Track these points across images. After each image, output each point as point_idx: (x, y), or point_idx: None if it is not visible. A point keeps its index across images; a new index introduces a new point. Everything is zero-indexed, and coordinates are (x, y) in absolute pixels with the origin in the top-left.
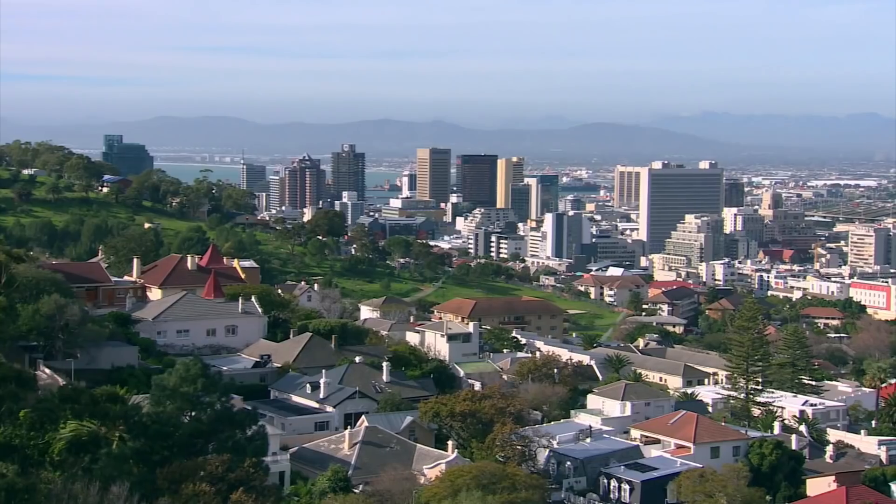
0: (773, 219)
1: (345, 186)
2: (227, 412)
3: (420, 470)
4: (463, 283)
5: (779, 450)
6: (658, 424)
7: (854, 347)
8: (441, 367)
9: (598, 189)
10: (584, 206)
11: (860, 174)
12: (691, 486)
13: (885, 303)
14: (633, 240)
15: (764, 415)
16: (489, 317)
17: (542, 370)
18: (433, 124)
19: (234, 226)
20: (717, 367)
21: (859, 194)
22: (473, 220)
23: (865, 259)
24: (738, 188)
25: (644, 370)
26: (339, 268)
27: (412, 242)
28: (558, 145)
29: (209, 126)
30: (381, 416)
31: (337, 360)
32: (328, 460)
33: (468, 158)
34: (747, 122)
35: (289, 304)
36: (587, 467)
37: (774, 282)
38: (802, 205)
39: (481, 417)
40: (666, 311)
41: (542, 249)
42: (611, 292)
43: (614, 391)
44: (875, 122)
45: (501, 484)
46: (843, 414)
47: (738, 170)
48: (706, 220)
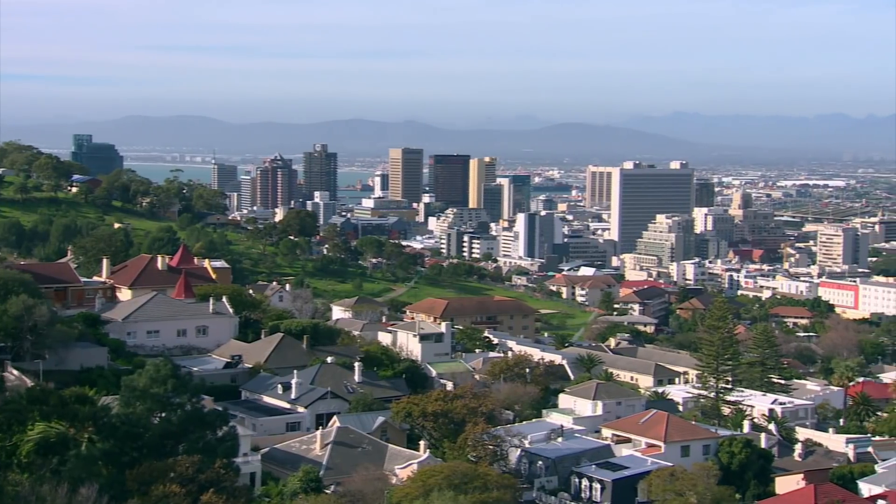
0: (743, 219)
1: (317, 186)
2: (198, 413)
3: (392, 470)
4: (435, 283)
5: (748, 448)
6: (629, 424)
7: (822, 346)
8: (413, 367)
9: (570, 189)
10: (556, 206)
11: (829, 174)
12: (662, 485)
13: (853, 302)
14: (605, 240)
15: (734, 413)
16: (461, 317)
17: (514, 370)
18: (405, 124)
19: (205, 226)
20: (688, 366)
21: (828, 194)
22: (446, 220)
23: (834, 259)
24: (709, 188)
25: (615, 369)
26: (311, 268)
27: (384, 242)
28: (530, 145)
29: (180, 125)
30: (352, 416)
31: (309, 361)
32: (299, 461)
33: (440, 158)
34: (718, 122)
35: (260, 305)
36: (559, 467)
37: (744, 281)
38: (772, 205)
39: (453, 417)
40: (637, 310)
41: (515, 249)
42: (582, 292)
43: (586, 391)
44: (843, 123)
45: (473, 484)
46: (811, 412)
47: (708, 170)
48: (677, 220)
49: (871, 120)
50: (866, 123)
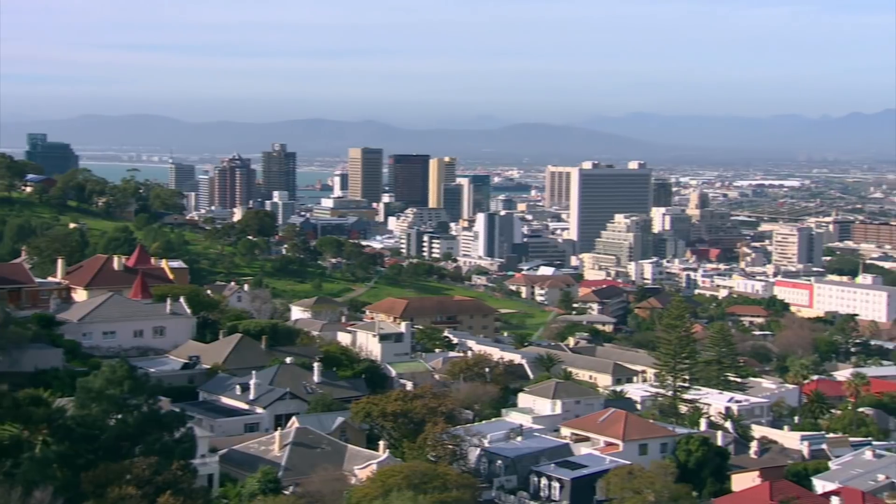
0: (700, 218)
1: (276, 186)
2: (155, 414)
3: (351, 470)
4: (395, 282)
5: (705, 446)
6: (588, 422)
7: (778, 345)
8: (373, 367)
9: (529, 189)
10: (515, 206)
11: (784, 174)
12: (620, 483)
13: (808, 301)
14: (564, 239)
15: (691, 412)
16: (421, 316)
17: (473, 369)
18: (365, 124)
19: (162, 226)
20: (646, 365)
21: (783, 194)
22: (405, 219)
23: (789, 258)
24: (667, 188)
25: (574, 369)
26: (270, 268)
27: (344, 242)
28: (490, 145)
29: (136, 125)
30: (312, 416)
31: (267, 361)
32: (258, 462)
33: (400, 158)
34: (675, 122)
35: (218, 305)
36: (518, 466)
37: (701, 280)
38: (728, 204)
39: (413, 417)
40: (596, 309)
41: (474, 249)
42: (542, 291)
43: (545, 390)
44: (798, 123)
45: (432, 483)
46: (766, 410)
47: (666, 170)
48: (635, 220)
49: (825, 121)
50: (820, 124)
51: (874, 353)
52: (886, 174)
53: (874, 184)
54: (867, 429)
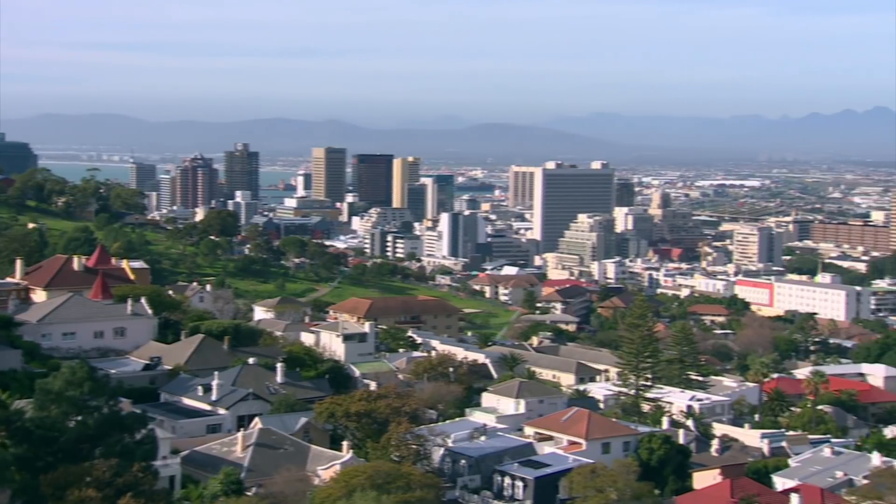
0: (663, 218)
1: (238, 186)
2: (115, 416)
3: (314, 471)
4: (359, 282)
5: (667, 444)
6: (551, 421)
7: (739, 343)
8: (336, 367)
9: (493, 189)
10: (479, 206)
11: (745, 174)
12: (583, 482)
13: (768, 300)
14: (528, 239)
15: (653, 410)
16: (385, 316)
17: (437, 369)
18: (328, 123)
19: (123, 226)
20: (609, 364)
21: (744, 194)
22: (369, 219)
23: (749, 257)
24: (629, 188)
25: (538, 368)
26: (233, 268)
27: (307, 242)
28: (454, 145)
29: (96, 124)
30: (275, 417)
31: (230, 362)
32: (220, 463)
33: (364, 158)
34: (637, 123)
35: (180, 305)
36: (481, 465)
37: (663, 280)
38: (690, 204)
39: (377, 417)
40: (559, 309)
41: (438, 249)
42: (505, 291)
43: (508, 389)
44: (758, 124)
45: (396, 483)
46: (727, 408)
47: (628, 170)
48: (598, 220)
49: (784, 121)
50: (780, 124)
51: (833, 351)
52: (845, 174)
53: (833, 184)
54: (826, 426)
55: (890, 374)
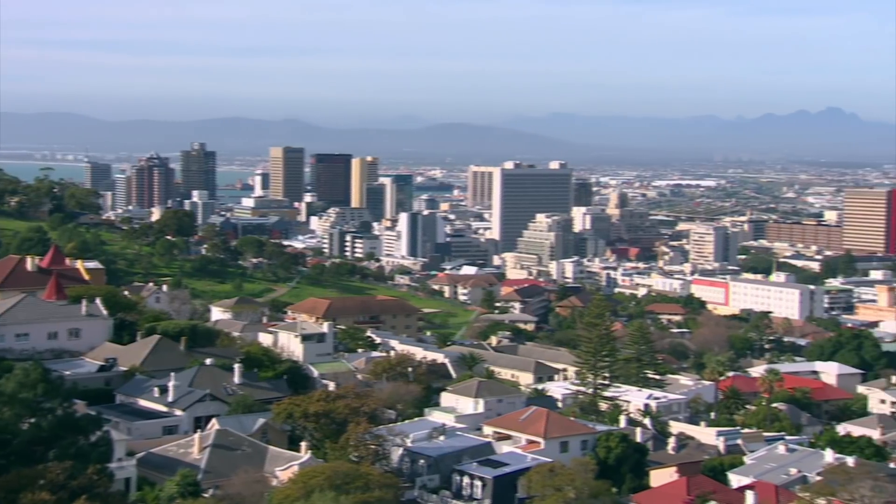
0: (620, 218)
1: (195, 185)
2: (69, 418)
3: (272, 472)
4: (317, 282)
5: (624, 443)
6: (510, 421)
7: (695, 342)
8: (295, 367)
9: (451, 189)
10: (438, 206)
11: (700, 174)
12: (541, 481)
13: (724, 299)
14: (487, 239)
15: (611, 409)
16: (344, 316)
17: (396, 369)
18: (286, 122)
19: (77, 225)
20: (567, 363)
21: (700, 194)
22: (328, 219)
23: (705, 256)
24: (587, 188)
25: (497, 367)
26: (189, 268)
27: (265, 242)
28: (413, 145)
29: (50, 123)
30: (232, 418)
31: (187, 363)
32: (177, 465)
33: (322, 157)
34: (594, 123)
35: (136, 306)
36: (440, 465)
37: (621, 279)
38: (647, 204)
39: (335, 417)
40: (518, 308)
41: (397, 249)
42: (464, 291)
43: (467, 389)
44: (714, 124)
45: (355, 484)
46: (684, 406)
47: (586, 170)
48: (556, 220)
49: (739, 121)
50: (735, 125)
51: (787, 349)
52: (799, 174)
53: (787, 184)
54: (780, 424)
55: (843, 372)
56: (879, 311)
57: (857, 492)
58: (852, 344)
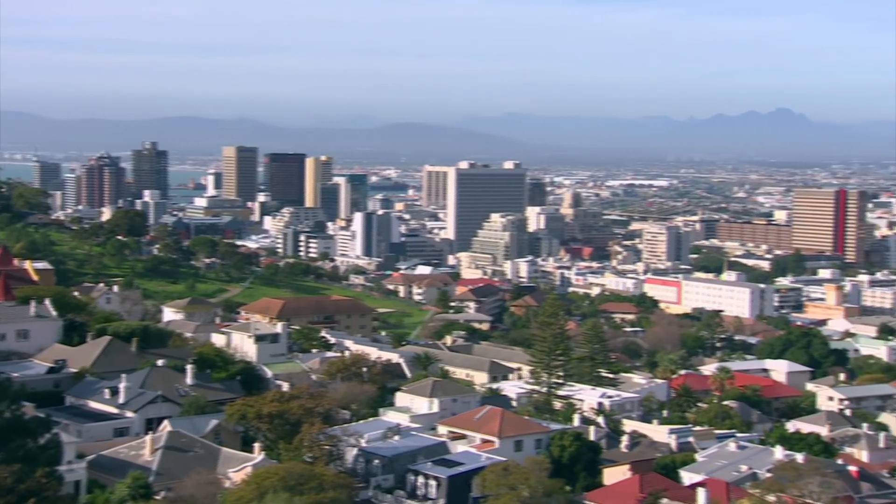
0: (574, 217)
1: (146, 185)
2: (18, 420)
3: (225, 473)
4: (271, 282)
5: (578, 441)
6: (464, 420)
7: (648, 341)
8: (248, 368)
9: (406, 188)
10: (393, 206)
11: (653, 174)
12: (496, 480)
13: (676, 298)
14: (441, 238)
15: (565, 408)
16: (298, 317)
17: (350, 369)
18: (239, 122)
19: (26, 225)
20: (522, 362)
21: (652, 194)
22: (282, 219)
23: (658, 256)
24: (541, 188)
25: (451, 367)
26: (141, 268)
27: (218, 242)
28: (367, 144)
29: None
30: (184, 419)
31: (138, 364)
32: (128, 467)
33: (276, 157)
34: (548, 123)
35: (86, 307)
36: (395, 465)
37: (575, 278)
38: (601, 204)
39: (289, 418)
40: (473, 308)
41: (352, 248)
42: (419, 290)
43: (422, 388)
44: (666, 125)
45: (309, 484)
46: (637, 405)
47: (540, 170)
48: (511, 219)
49: (691, 122)
50: (687, 125)
51: (738, 347)
52: (749, 174)
53: (738, 183)
54: (731, 421)
55: (792, 370)
56: (828, 310)
57: (806, 488)
58: (801, 342)
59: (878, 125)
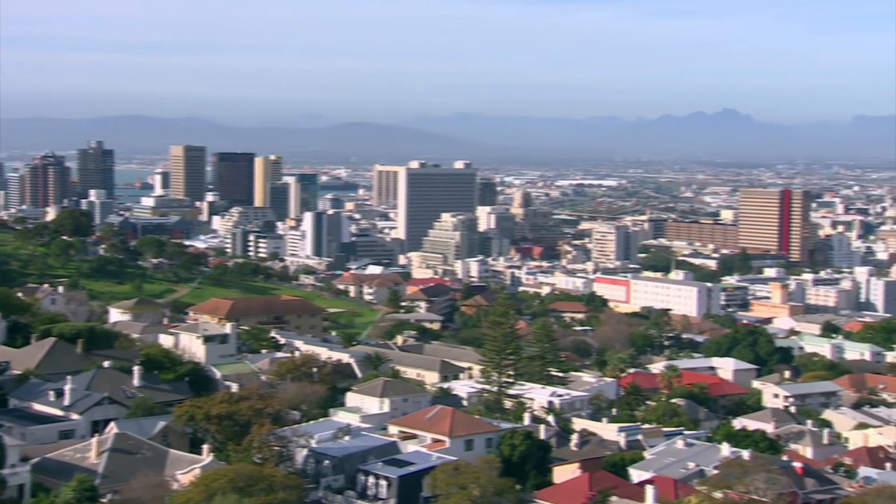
0: (524, 217)
1: (92, 184)
2: None
3: (173, 475)
4: (220, 283)
5: (528, 440)
6: (415, 420)
7: (597, 340)
8: (196, 369)
9: (357, 188)
10: (343, 205)
11: (602, 174)
12: (446, 480)
13: (625, 296)
14: (392, 238)
15: (515, 407)
16: (248, 317)
17: (301, 370)
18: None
19: None
20: (472, 361)
21: (601, 194)
22: (231, 219)
23: (607, 255)
24: (491, 188)
25: (402, 367)
26: (87, 269)
27: (166, 242)
28: (317, 144)
29: None
30: (132, 421)
31: (84, 366)
32: (73, 470)
33: (224, 156)
34: (499, 123)
35: (30, 308)
36: (345, 465)
37: (525, 278)
38: (550, 203)
39: (238, 419)
40: (423, 308)
41: (302, 248)
42: (370, 290)
43: (373, 388)
44: (614, 125)
45: (258, 486)
46: (586, 403)
47: (490, 170)
48: (461, 219)
49: (640, 122)
50: (635, 125)
51: (686, 346)
52: (696, 174)
53: (685, 183)
54: (679, 419)
55: (738, 368)
56: (773, 308)
57: (752, 484)
58: (747, 340)
59: (822, 126)
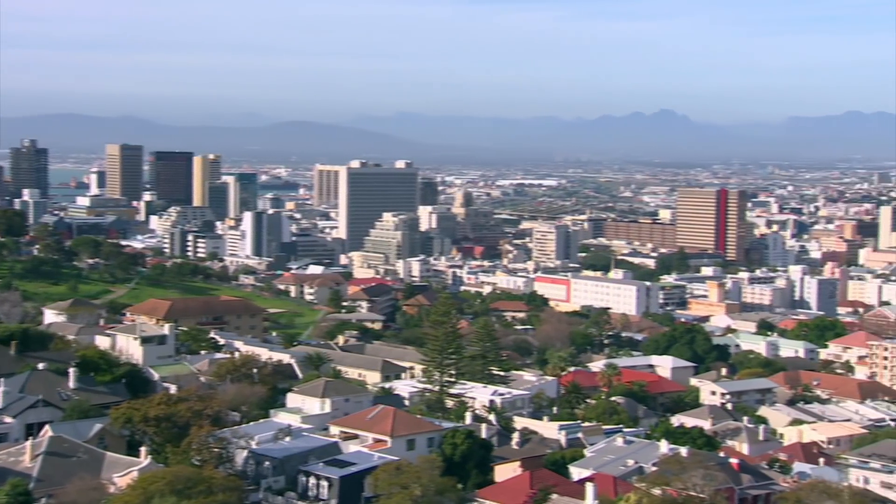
0: (465, 217)
1: (26, 184)
2: None
3: (110, 479)
4: (158, 283)
5: (470, 439)
6: (357, 420)
7: (538, 338)
8: (134, 371)
9: (297, 188)
10: (283, 205)
11: (542, 174)
12: (388, 479)
13: (566, 295)
14: (333, 238)
15: (457, 406)
16: (186, 318)
17: (241, 370)
18: (123, 119)
19: None
20: (414, 361)
21: (542, 193)
22: (169, 218)
23: (548, 254)
24: (433, 187)
25: (344, 367)
26: (20, 269)
27: (102, 242)
28: (256, 143)
29: None
30: (67, 424)
31: (17, 368)
32: (7, 474)
33: (162, 155)
34: (440, 122)
35: None
36: (286, 466)
37: (467, 277)
38: (491, 203)
39: (177, 421)
40: (365, 307)
41: (241, 248)
42: (311, 290)
43: (314, 389)
44: (554, 125)
45: (197, 488)
46: (527, 402)
47: (432, 169)
48: (403, 219)
49: (579, 122)
50: (575, 125)
51: (625, 344)
52: (635, 174)
53: (624, 183)
54: (619, 417)
55: (677, 366)
56: (710, 306)
57: (690, 481)
58: (685, 338)
59: (757, 126)
